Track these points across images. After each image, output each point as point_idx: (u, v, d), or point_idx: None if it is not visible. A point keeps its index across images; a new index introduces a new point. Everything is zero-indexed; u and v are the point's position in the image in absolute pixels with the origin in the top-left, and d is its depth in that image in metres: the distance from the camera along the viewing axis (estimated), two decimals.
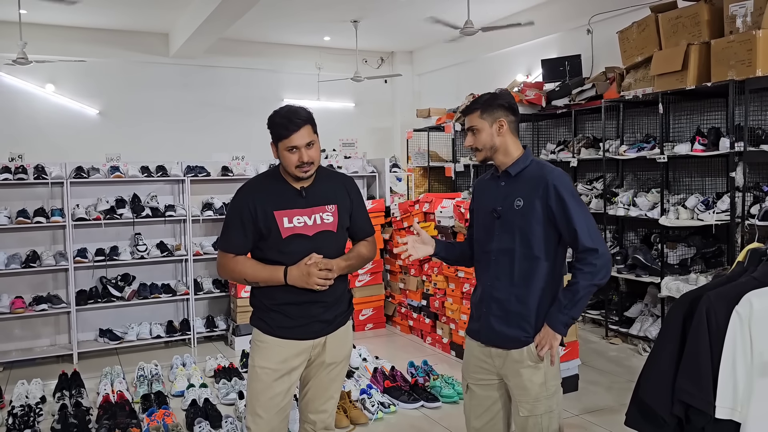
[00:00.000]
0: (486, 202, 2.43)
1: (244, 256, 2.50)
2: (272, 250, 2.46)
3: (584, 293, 2.20)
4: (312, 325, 2.49)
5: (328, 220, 2.51)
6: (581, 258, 2.20)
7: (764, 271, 1.70)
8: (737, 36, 4.57)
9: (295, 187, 2.49)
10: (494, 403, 2.43)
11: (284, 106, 2.48)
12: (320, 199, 2.51)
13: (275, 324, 2.49)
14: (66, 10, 7.94)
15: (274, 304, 2.49)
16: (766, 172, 4.92)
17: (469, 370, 2.48)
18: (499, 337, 2.34)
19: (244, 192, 2.51)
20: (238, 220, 2.46)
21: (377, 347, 5.42)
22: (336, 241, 2.55)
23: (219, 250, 2.54)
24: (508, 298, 2.32)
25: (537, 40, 8.06)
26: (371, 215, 5.96)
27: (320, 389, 2.59)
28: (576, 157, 6.20)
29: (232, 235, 2.48)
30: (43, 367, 5.08)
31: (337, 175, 2.70)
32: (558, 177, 2.27)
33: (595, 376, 4.62)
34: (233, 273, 2.50)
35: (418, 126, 8.88)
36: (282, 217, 2.44)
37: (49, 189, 5.31)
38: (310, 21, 8.80)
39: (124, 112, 9.32)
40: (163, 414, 3.80)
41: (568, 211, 2.21)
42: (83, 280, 5.43)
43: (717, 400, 1.61)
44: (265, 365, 2.47)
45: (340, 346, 2.60)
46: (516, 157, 2.36)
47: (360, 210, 2.65)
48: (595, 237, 2.21)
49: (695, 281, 4.66)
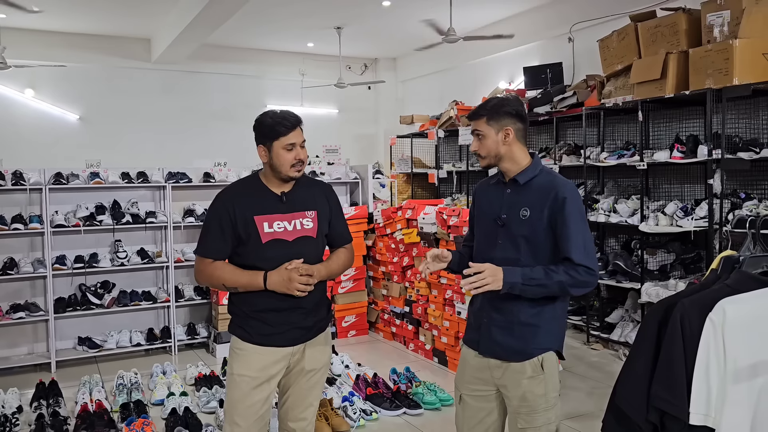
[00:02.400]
0: (489, 209, 2.36)
1: (223, 261, 2.48)
2: (252, 255, 2.44)
3: (552, 286, 2.14)
4: (291, 332, 2.48)
5: (308, 225, 2.50)
6: (574, 267, 2.14)
7: (737, 278, 1.72)
8: (715, 45, 4.64)
9: (275, 193, 2.49)
10: (488, 415, 2.37)
11: (270, 110, 2.49)
12: (300, 205, 2.51)
13: (254, 331, 2.47)
14: (46, 15, 7.87)
15: (253, 310, 2.47)
16: (743, 179, 5.00)
17: (464, 381, 2.41)
18: (501, 348, 2.27)
19: (223, 197, 2.50)
20: (217, 225, 2.45)
21: (360, 354, 5.40)
22: (316, 247, 2.55)
23: (197, 255, 2.52)
24: (511, 308, 2.25)
25: (519, 48, 8.13)
26: (354, 222, 6.06)
27: (300, 397, 2.57)
28: (557, 164, 6.24)
29: (210, 239, 2.47)
30: (20, 376, 5.01)
31: (317, 183, 2.71)
32: (570, 190, 2.21)
33: (575, 382, 4.64)
34: (211, 278, 2.48)
35: (401, 132, 8.92)
36: (262, 222, 2.43)
37: (27, 195, 5.24)
38: (293, 27, 8.80)
39: (105, 118, 9.24)
40: (143, 423, 3.75)
41: (570, 225, 2.16)
42: (62, 288, 5.36)
43: (691, 406, 1.62)
44: (244, 373, 2.45)
45: (320, 353, 2.59)
46: (524, 165, 2.30)
47: (339, 217, 2.66)
48: (591, 257, 2.17)
49: (675, 287, 4.70)
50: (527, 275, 2.14)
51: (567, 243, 2.16)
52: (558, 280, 2.14)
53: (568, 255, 2.15)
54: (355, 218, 6.11)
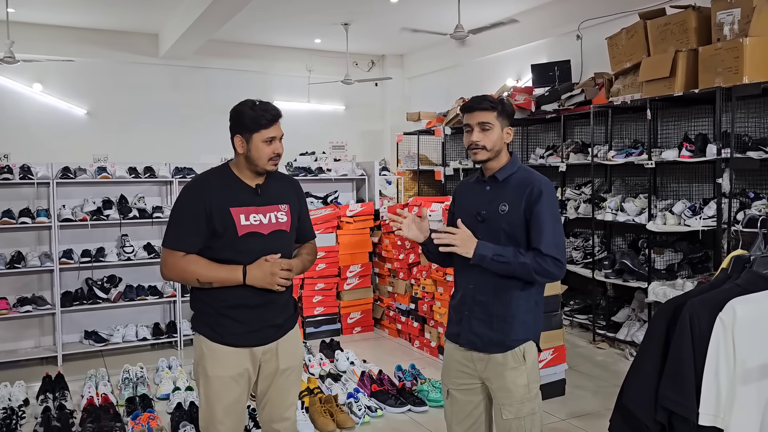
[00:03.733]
0: (469, 206, 2.43)
1: (195, 255, 2.36)
2: (227, 248, 2.36)
3: (517, 267, 2.21)
4: (264, 330, 2.42)
5: (282, 219, 2.46)
6: (542, 256, 2.22)
7: (747, 278, 1.70)
8: (724, 43, 4.61)
9: (249, 185, 2.43)
10: (476, 408, 2.43)
11: (248, 99, 2.41)
12: (274, 198, 2.46)
13: (225, 331, 2.38)
14: (54, 9, 7.89)
15: (225, 306, 2.37)
16: (752, 178, 4.96)
17: (450, 376, 2.47)
18: (481, 340, 2.34)
19: (196, 187, 2.41)
20: (190, 217, 2.34)
21: (365, 351, 5.40)
22: (290, 240, 2.51)
23: (166, 248, 2.37)
24: (491, 301, 2.32)
25: (527, 45, 8.09)
26: (360, 218, 6.05)
27: (280, 397, 2.52)
28: (565, 162, 6.22)
29: (183, 231, 2.34)
30: (26, 369, 5.03)
31: (286, 177, 2.66)
32: (546, 183, 2.31)
33: (582, 381, 4.63)
34: (184, 273, 2.35)
35: (408, 129, 8.89)
36: (238, 214, 2.36)
37: (35, 189, 5.27)
38: (300, 23, 8.79)
39: (112, 113, 9.26)
40: (148, 417, 3.76)
41: (543, 217, 2.24)
42: (69, 282, 5.38)
43: (700, 406, 1.61)
44: (219, 374, 2.38)
45: (293, 350, 2.54)
46: (504, 163, 2.38)
47: (306, 213, 2.63)
48: (561, 250, 2.26)
49: (682, 286, 4.68)
50: (497, 251, 2.23)
51: (538, 233, 2.24)
52: (523, 261, 2.21)
53: (537, 245, 2.24)
54: (362, 215, 6.11)
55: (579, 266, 5.93)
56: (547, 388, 4.18)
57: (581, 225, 6.38)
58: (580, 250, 6.11)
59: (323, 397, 3.97)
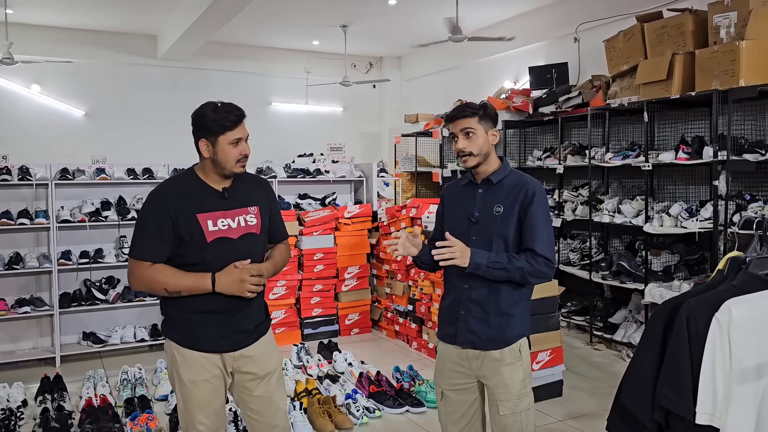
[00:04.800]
0: (460, 209, 2.48)
1: (162, 264, 2.32)
2: (195, 255, 2.31)
3: (513, 272, 2.28)
4: (233, 336, 2.39)
5: (252, 222, 2.41)
6: (535, 257, 2.28)
7: (743, 279, 1.72)
8: (721, 46, 4.63)
9: (216, 189, 2.38)
10: (470, 407, 2.46)
11: (209, 102, 2.37)
12: (242, 201, 2.41)
13: (194, 337, 2.36)
14: (53, 11, 7.89)
15: (193, 312, 2.34)
16: (749, 180, 4.99)
17: (444, 376, 2.49)
18: (479, 338, 2.37)
19: (160, 195, 2.36)
20: (155, 226, 2.29)
21: (363, 352, 5.41)
22: (261, 243, 2.47)
23: (132, 258, 2.34)
24: (487, 299, 2.37)
25: (525, 48, 8.12)
26: (358, 220, 6.06)
27: (266, 404, 2.48)
28: (562, 164, 6.24)
29: (148, 241, 2.31)
30: (25, 370, 5.03)
31: (255, 177, 2.62)
32: (538, 186, 2.39)
33: (579, 382, 4.64)
34: (151, 283, 2.31)
35: (406, 131, 8.91)
36: (206, 220, 2.31)
37: (33, 190, 5.27)
38: (299, 25, 8.81)
39: (110, 114, 9.26)
40: (147, 418, 3.77)
41: (537, 218, 2.31)
42: (67, 283, 5.37)
43: (697, 406, 1.63)
44: (193, 378, 2.37)
45: (270, 355, 2.50)
46: (496, 166, 2.44)
47: (277, 213, 2.58)
48: (552, 251, 2.33)
49: (678, 288, 4.70)
50: (491, 258, 2.28)
51: (532, 234, 2.31)
52: (519, 266, 2.28)
53: (531, 245, 2.30)
54: (359, 216, 6.12)
55: (576, 268, 5.94)
56: (545, 390, 4.20)
57: (578, 227, 6.41)
58: (577, 252, 6.13)
59: (321, 398, 3.98)
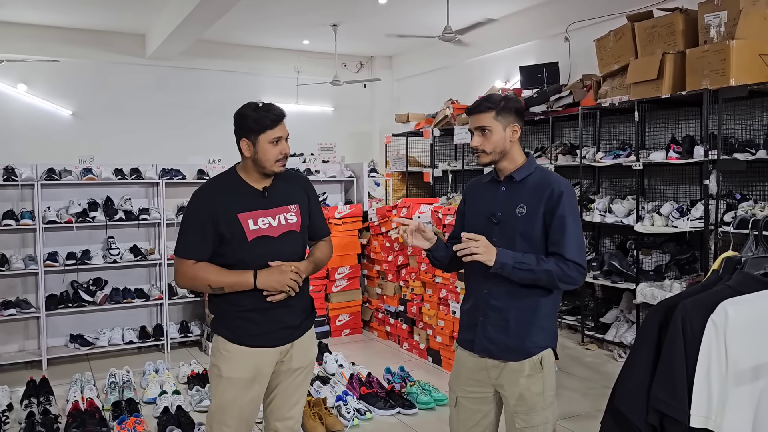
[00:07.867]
0: (482, 207, 2.33)
1: (205, 262, 2.39)
2: (236, 254, 2.37)
3: (540, 274, 2.13)
4: (279, 331, 2.44)
5: (292, 220, 2.45)
6: (565, 262, 2.15)
7: (739, 279, 1.70)
8: (711, 46, 4.63)
9: (256, 188, 2.43)
10: (484, 417, 2.34)
11: (250, 102, 2.42)
12: (282, 199, 2.46)
13: (242, 332, 2.41)
14: (39, 9, 7.80)
15: (240, 310, 2.40)
16: (739, 180, 5.00)
17: (460, 383, 2.37)
18: (497, 347, 2.25)
19: (202, 195, 2.42)
20: (197, 225, 2.36)
21: (354, 353, 5.38)
22: (301, 241, 2.51)
23: (177, 257, 2.41)
24: (507, 306, 2.23)
25: (515, 47, 8.11)
26: (349, 220, 6.02)
27: (287, 395, 2.53)
28: (553, 164, 6.23)
29: (191, 240, 2.38)
30: (10, 373, 4.96)
31: (294, 175, 2.64)
32: (565, 185, 2.22)
33: (571, 382, 4.63)
34: (195, 280, 2.39)
35: (396, 131, 8.89)
36: (247, 219, 2.36)
37: (19, 191, 5.19)
38: (289, 24, 8.76)
39: (98, 114, 9.16)
40: (134, 422, 3.72)
41: (566, 220, 2.16)
42: (54, 285, 5.31)
43: (692, 408, 1.60)
44: (232, 375, 2.40)
45: (306, 350, 2.55)
46: (520, 163, 2.28)
47: (317, 210, 2.61)
48: (583, 255, 2.17)
49: (669, 287, 4.70)
50: (518, 259, 2.14)
51: (561, 237, 2.16)
52: (547, 269, 2.13)
53: (560, 250, 2.15)
54: (350, 216, 6.08)
55: None
56: None
57: None
58: None
59: (312, 401, 3.94)
